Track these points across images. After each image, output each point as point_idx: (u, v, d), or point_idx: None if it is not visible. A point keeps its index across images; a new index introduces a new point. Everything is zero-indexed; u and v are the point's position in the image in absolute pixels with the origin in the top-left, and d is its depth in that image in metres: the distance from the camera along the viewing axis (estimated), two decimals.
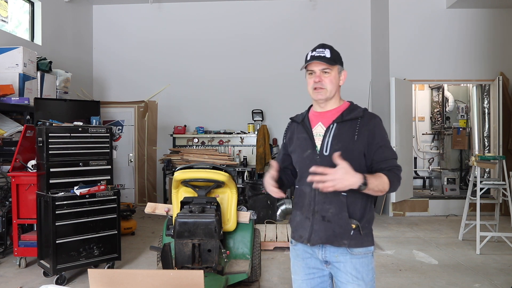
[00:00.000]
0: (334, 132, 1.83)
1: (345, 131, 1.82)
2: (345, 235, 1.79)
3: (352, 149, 1.80)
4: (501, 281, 4.03)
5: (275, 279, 4.12)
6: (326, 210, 1.80)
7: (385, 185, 1.72)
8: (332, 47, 1.90)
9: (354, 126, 1.83)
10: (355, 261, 1.81)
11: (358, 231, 1.79)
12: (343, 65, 1.93)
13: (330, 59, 1.84)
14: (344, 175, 1.60)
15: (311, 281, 1.92)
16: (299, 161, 1.92)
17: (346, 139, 1.81)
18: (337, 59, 1.88)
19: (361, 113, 1.86)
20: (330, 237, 1.80)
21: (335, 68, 1.88)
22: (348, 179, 1.60)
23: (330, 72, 1.86)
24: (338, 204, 1.79)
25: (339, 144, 1.81)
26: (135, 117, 8.56)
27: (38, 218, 4.05)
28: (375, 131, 1.83)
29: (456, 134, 8.18)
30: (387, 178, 1.73)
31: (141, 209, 6.79)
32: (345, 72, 1.93)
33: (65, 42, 7.57)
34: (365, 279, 1.82)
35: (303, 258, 1.92)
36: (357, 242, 1.80)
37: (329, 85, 1.85)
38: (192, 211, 3.36)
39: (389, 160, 1.81)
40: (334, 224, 1.79)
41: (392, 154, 1.84)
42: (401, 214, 7.26)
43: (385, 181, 1.72)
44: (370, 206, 1.86)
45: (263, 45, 8.36)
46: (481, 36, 7.37)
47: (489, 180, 5.66)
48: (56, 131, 3.99)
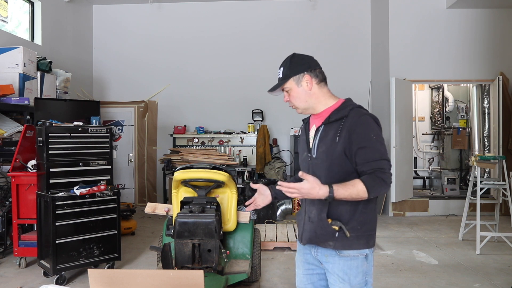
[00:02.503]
0: (320, 135, 1.84)
1: (329, 133, 1.80)
2: (328, 237, 1.79)
3: (333, 151, 1.76)
4: (501, 281, 4.03)
5: (275, 279, 4.12)
6: (310, 211, 1.87)
7: (359, 193, 1.65)
8: (287, 61, 1.88)
9: (338, 127, 1.78)
10: (343, 263, 1.80)
11: (343, 233, 1.76)
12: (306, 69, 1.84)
13: (281, 78, 1.87)
14: (309, 190, 1.63)
15: (310, 276, 1.97)
16: (300, 162, 2.02)
17: (329, 141, 1.79)
18: (289, 73, 1.84)
19: (346, 112, 1.78)
20: (313, 238, 1.84)
21: (290, 82, 1.85)
22: (313, 194, 1.63)
23: (290, 88, 1.86)
24: (319, 206, 1.81)
25: (323, 147, 1.81)
26: (135, 117, 8.56)
27: (38, 218, 4.05)
28: (356, 131, 1.73)
29: (456, 134, 8.18)
30: (363, 185, 1.65)
31: (141, 209, 6.79)
32: (307, 76, 1.83)
33: (65, 42, 7.57)
34: (352, 282, 1.79)
35: (304, 253, 1.99)
36: (344, 244, 1.78)
37: (296, 101, 1.88)
38: (192, 211, 3.36)
39: (371, 162, 1.70)
40: (316, 225, 1.82)
41: (375, 155, 1.71)
42: (401, 214, 7.26)
43: (359, 188, 1.65)
44: (364, 208, 1.79)
45: (264, 44, 8.37)
46: (481, 36, 7.37)
47: (489, 180, 5.66)
48: (56, 131, 3.99)
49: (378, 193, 1.70)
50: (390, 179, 1.71)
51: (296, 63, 1.86)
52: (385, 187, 1.70)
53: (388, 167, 1.72)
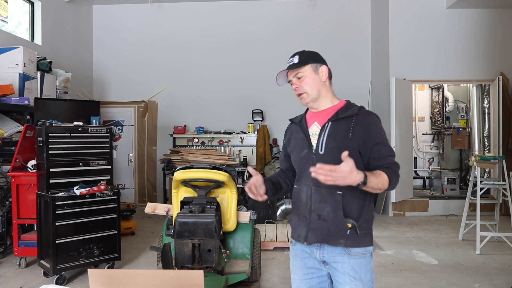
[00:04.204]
0: (329, 131, 1.83)
1: (339, 130, 1.81)
2: (341, 235, 1.78)
3: (346, 147, 1.76)
4: (501, 281, 4.03)
5: (275, 279, 4.12)
6: (321, 209, 1.81)
7: (384, 183, 1.69)
8: (304, 51, 1.91)
9: (349, 124, 1.81)
10: (352, 261, 1.80)
11: (355, 230, 1.77)
12: (322, 62, 1.91)
13: (298, 63, 1.86)
14: (348, 173, 1.55)
15: (309, 281, 1.91)
16: (296, 161, 1.94)
17: (341, 137, 1.80)
18: (308, 59, 1.87)
19: (356, 110, 1.84)
20: (326, 236, 1.80)
21: (307, 68, 1.87)
22: (351, 177, 1.56)
23: (304, 74, 1.86)
24: (334, 203, 1.78)
25: (333, 143, 1.80)
26: (135, 117, 8.56)
27: (38, 218, 4.05)
28: (370, 128, 1.79)
29: (456, 134, 8.18)
30: (387, 176, 1.70)
31: (141, 209, 6.79)
32: (324, 67, 1.90)
33: (65, 42, 7.57)
34: (363, 279, 1.80)
35: (302, 257, 1.92)
36: (354, 241, 1.79)
37: (307, 87, 1.86)
38: (192, 211, 3.36)
39: (386, 157, 1.78)
40: (330, 223, 1.79)
41: (389, 151, 1.80)
42: (401, 214, 7.26)
43: (384, 178, 1.69)
44: (369, 205, 1.84)
45: (264, 45, 8.37)
46: (481, 36, 7.37)
47: (489, 180, 5.66)
48: (56, 131, 3.99)
49: (394, 186, 1.76)
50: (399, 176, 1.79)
51: (312, 55, 1.91)
52: (397, 182, 1.77)
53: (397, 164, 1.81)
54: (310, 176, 1.80)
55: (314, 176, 1.58)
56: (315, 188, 1.82)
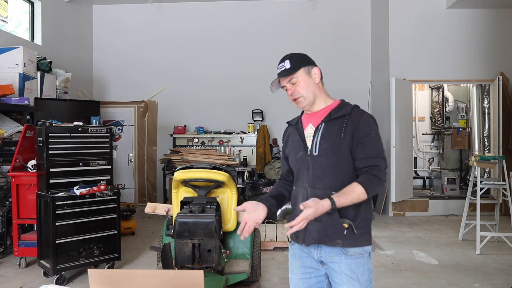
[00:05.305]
0: (322, 132, 1.84)
1: (332, 130, 1.82)
2: (337, 235, 1.79)
3: (339, 147, 1.79)
4: (501, 281, 4.03)
5: (275, 279, 4.12)
6: None
7: (360, 196, 1.71)
8: (292, 54, 1.91)
9: (341, 124, 1.81)
10: (350, 261, 1.80)
11: (352, 230, 1.78)
12: (313, 63, 1.91)
13: (290, 68, 1.86)
14: (313, 213, 1.66)
15: (307, 280, 1.92)
16: (293, 163, 1.96)
17: (334, 138, 1.81)
18: (300, 63, 1.87)
19: (349, 110, 1.84)
20: (323, 237, 1.81)
21: (300, 72, 1.87)
22: (318, 212, 1.66)
23: (298, 79, 1.87)
24: None
25: (327, 144, 1.81)
26: (135, 117, 8.56)
27: (38, 218, 4.05)
28: (359, 127, 1.79)
29: (456, 134, 8.18)
30: (361, 187, 1.71)
31: (141, 209, 6.79)
32: (316, 68, 1.90)
33: (65, 42, 7.57)
34: (360, 279, 1.81)
35: (300, 257, 1.93)
36: (351, 241, 1.79)
37: (303, 90, 1.87)
38: (192, 211, 3.36)
39: (368, 159, 1.77)
40: (326, 224, 1.79)
41: (374, 151, 1.78)
42: (401, 214, 7.26)
43: (358, 192, 1.71)
44: (366, 205, 1.84)
45: (264, 44, 8.36)
46: (481, 36, 7.37)
47: (489, 180, 5.66)
48: (56, 131, 3.99)
49: (375, 192, 1.76)
50: (385, 177, 1.78)
51: (303, 57, 1.92)
52: (380, 185, 1.77)
53: (384, 166, 1.79)
54: (306, 177, 1.85)
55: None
56: (311, 189, 1.84)
